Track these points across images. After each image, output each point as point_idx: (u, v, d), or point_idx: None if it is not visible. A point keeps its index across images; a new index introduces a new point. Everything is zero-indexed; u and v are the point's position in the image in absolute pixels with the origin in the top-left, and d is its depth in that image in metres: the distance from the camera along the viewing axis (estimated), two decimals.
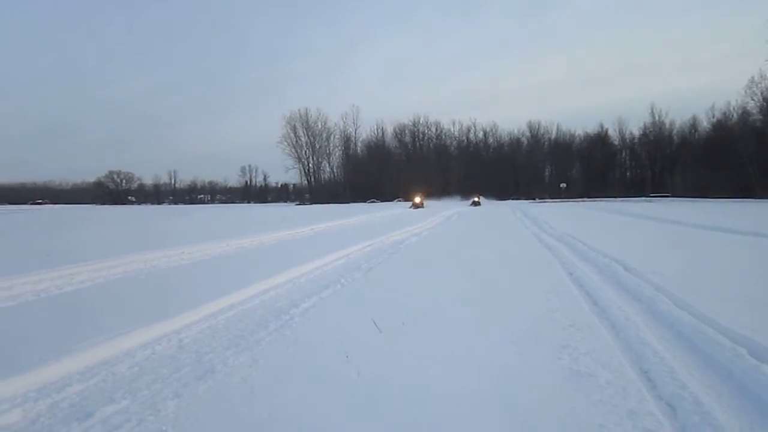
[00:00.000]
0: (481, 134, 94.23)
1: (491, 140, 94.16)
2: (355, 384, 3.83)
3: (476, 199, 59.39)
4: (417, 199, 47.39)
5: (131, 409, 3.42)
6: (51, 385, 3.82)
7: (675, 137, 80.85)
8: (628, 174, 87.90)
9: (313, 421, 3.24)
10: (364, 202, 72.95)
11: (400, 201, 38.89)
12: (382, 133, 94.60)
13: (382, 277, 8.73)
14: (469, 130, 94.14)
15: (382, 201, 75.64)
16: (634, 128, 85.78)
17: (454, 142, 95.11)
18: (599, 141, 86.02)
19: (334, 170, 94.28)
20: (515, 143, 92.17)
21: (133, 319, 5.41)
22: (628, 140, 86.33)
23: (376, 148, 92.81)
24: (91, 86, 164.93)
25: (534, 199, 75.73)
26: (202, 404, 3.49)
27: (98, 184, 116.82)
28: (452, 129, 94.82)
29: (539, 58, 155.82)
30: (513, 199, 74.39)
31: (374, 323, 5.45)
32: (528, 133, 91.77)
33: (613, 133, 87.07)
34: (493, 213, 36.27)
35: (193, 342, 4.97)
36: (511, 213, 35.04)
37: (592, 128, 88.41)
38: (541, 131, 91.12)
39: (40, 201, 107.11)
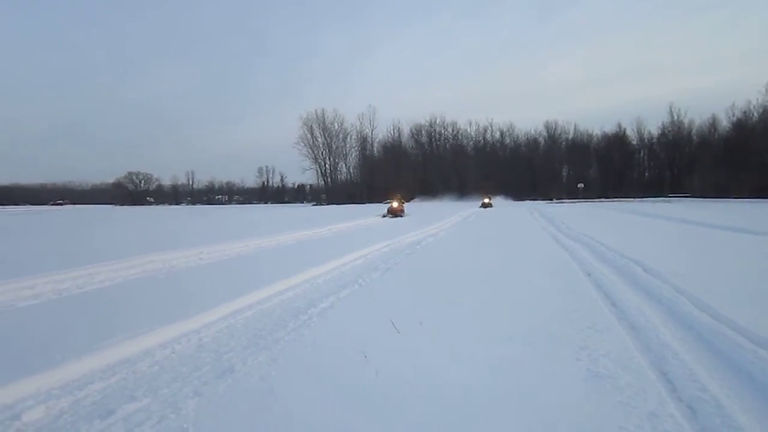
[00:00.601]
0: (497, 134, 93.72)
1: (508, 140, 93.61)
2: (373, 383, 3.83)
3: (486, 200, 52.84)
4: (394, 204, 30.63)
5: (152, 407, 3.46)
6: (73, 382, 3.87)
7: (694, 137, 79.65)
8: (646, 174, 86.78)
9: (332, 420, 3.24)
10: (381, 202, 73.08)
11: (399, 198, 31.60)
12: (399, 134, 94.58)
13: (399, 278, 8.72)
14: (485, 131, 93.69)
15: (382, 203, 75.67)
16: (653, 128, 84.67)
17: (471, 143, 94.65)
18: (617, 141, 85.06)
19: (351, 171, 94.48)
20: (532, 143, 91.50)
21: (152, 319, 5.48)
22: (646, 140, 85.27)
23: (393, 149, 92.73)
24: (110, 88, 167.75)
25: (551, 199, 75.15)
26: (222, 403, 3.50)
27: (117, 185, 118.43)
28: (469, 129, 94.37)
29: (556, 58, 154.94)
30: (530, 200, 73.82)
31: (392, 324, 5.44)
32: (545, 133, 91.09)
33: (631, 133, 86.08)
34: (506, 217, 30.35)
35: (212, 341, 5.01)
36: (528, 214, 34.15)
37: (609, 128, 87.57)
38: (558, 131, 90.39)
39: (60, 202, 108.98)
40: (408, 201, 76.39)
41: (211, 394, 3.63)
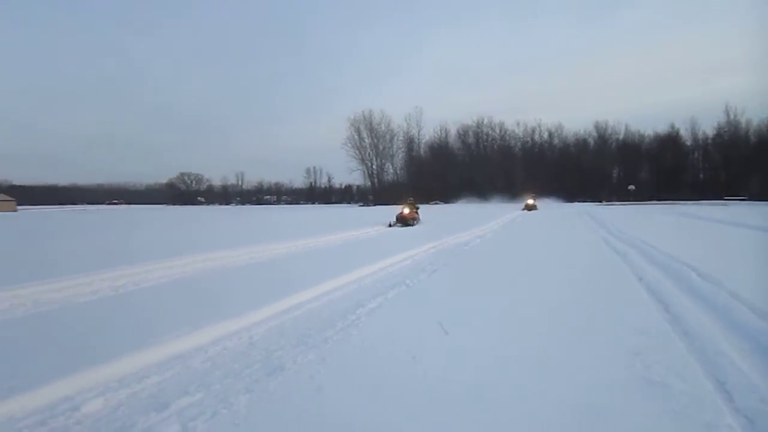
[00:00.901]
0: (546, 135, 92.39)
1: (556, 141, 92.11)
2: (422, 384, 3.79)
3: (530, 201, 46.15)
4: (405, 210, 23.63)
5: (205, 402, 3.51)
6: (130, 376, 3.97)
7: (752, 137, 76.45)
8: (701, 176, 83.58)
9: (381, 420, 3.21)
10: (428, 203, 72.89)
11: (410, 202, 24.97)
12: (446, 135, 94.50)
13: (446, 279, 8.63)
14: (533, 131, 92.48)
15: (445, 202, 75.41)
16: (708, 128, 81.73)
17: (519, 143, 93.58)
18: (670, 141, 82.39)
19: (397, 171, 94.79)
20: (581, 144, 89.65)
21: (205, 316, 5.60)
22: (700, 141, 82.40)
23: (439, 150, 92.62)
24: (164, 91, 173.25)
25: (600, 201, 73.36)
26: (273, 400, 3.53)
27: (170, 186, 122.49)
28: (516, 130, 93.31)
29: (607, 57, 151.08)
30: (579, 202, 72.22)
31: (440, 325, 5.39)
32: (595, 134, 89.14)
33: (684, 134, 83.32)
34: (552, 223, 25.66)
35: (262, 339, 5.06)
36: (576, 218, 31.16)
37: (662, 128, 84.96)
38: (609, 131, 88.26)
39: (115, 201, 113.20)
40: (454, 202, 76.28)
41: (262, 391, 3.66)
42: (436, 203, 74.43)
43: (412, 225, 22.99)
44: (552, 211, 45.23)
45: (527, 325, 5.48)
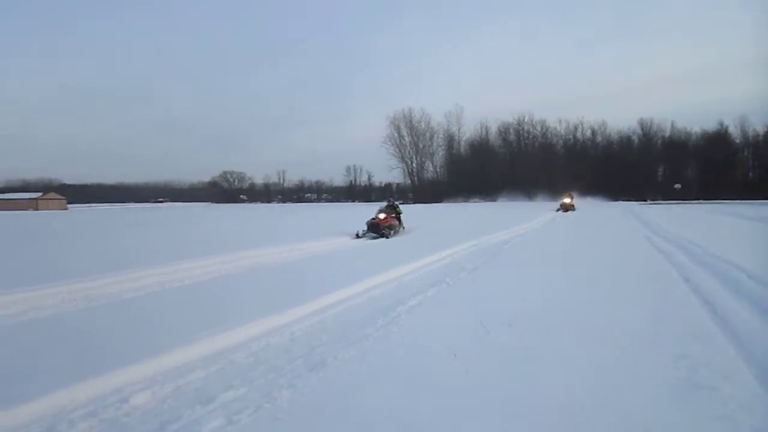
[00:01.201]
0: (588, 132, 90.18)
1: (599, 138, 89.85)
2: (463, 382, 3.76)
3: (567, 200, 38.25)
4: (381, 216, 17.52)
5: (249, 396, 3.55)
6: (176, 370, 4.06)
7: None
8: (750, 175, 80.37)
9: (422, 417, 3.19)
10: (467, 201, 72.35)
11: (390, 204, 18.91)
12: (486, 132, 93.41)
13: (486, 278, 8.55)
14: (576, 129, 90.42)
15: (484, 200, 74.89)
16: (759, 125, 78.47)
17: (560, 141, 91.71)
18: (718, 139, 79.31)
19: (437, 170, 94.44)
20: (625, 142, 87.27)
21: (247, 312, 5.68)
22: (751, 138, 79.13)
23: (480, 147, 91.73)
24: (207, 90, 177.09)
25: (645, 200, 71.43)
26: (315, 395, 3.54)
27: (213, 184, 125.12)
28: (558, 127, 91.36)
29: (652, 53, 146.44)
30: (622, 200, 70.45)
31: (481, 324, 5.34)
32: (639, 131, 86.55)
33: (734, 131, 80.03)
34: (593, 227, 21.42)
35: (304, 335, 5.10)
36: (621, 219, 28.02)
37: (710, 125, 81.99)
38: (654, 129, 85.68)
39: (161, 200, 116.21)
40: (493, 201, 75.59)
41: (304, 387, 3.68)
42: (476, 201, 73.96)
43: (388, 236, 16.57)
44: (595, 209, 42.25)
45: (573, 324, 5.39)
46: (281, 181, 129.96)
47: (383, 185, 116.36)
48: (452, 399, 3.47)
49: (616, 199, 71.19)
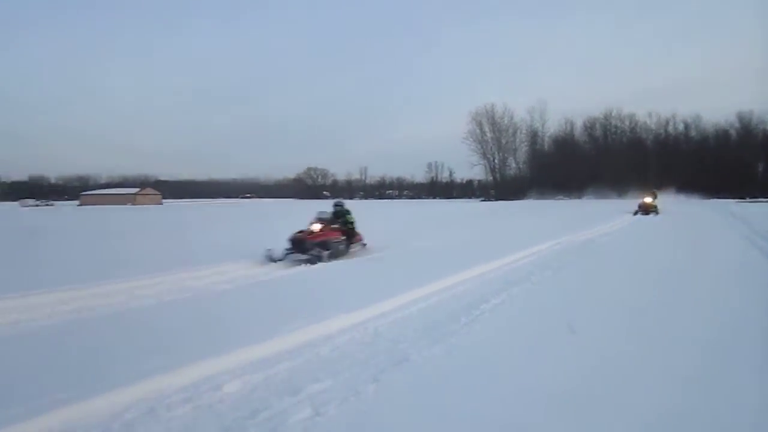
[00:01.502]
0: (681, 126, 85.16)
1: (693, 133, 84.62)
2: (550, 382, 3.64)
3: (648, 199, 30.30)
4: (315, 227, 10.88)
5: (334, 388, 3.58)
6: (265, 361, 4.17)
7: None
8: None
9: (506, 417, 3.12)
10: (552, 198, 70.29)
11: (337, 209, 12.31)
12: (571, 128, 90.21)
13: (572, 277, 8.28)
14: (667, 123, 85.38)
15: (568, 197, 72.60)
16: None
17: (651, 136, 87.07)
18: None
19: (520, 166, 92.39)
20: (722, 136, 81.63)
21: (332, 306, 5.77)
22: None
23: (564, 143, 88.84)
24: (295, 89, 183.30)
25: (743, 198, 66.56)
26: (400, 391, 3.53)
27: (297, 180, 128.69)
28: (648, 122, 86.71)
29: (751, 41, 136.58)
30: (718, 198, 65.94)
31: (569, 325, 5.14)
32: (737, 125, 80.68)
33: None
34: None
35: (387, 330, 5.10)
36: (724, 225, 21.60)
37: None
38: (754, 122, 79.51)
39: (248, 195, 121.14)
40: (579, 198, 72.97)
41: (389, 381, 3.68)
42: (560, 199, 71.73)
43: (323, 259, 10.42)
44: (685, 209, 35.06)
45: (667, 327, 5.10)
46: (363, 178, 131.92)
47: (464, 182, 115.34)
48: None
49: (712, 197, 66.70)
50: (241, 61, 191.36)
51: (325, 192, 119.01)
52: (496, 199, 78.99)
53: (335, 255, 10.73)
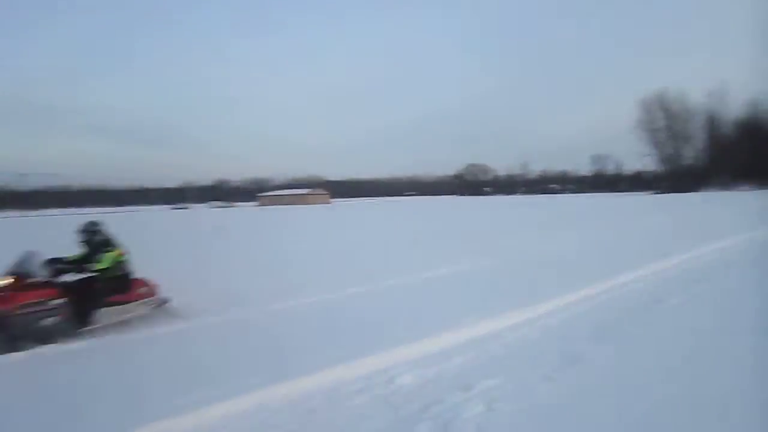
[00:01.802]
0: None
1: None
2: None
3: None
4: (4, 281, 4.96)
5: (506, 386, 3.58)
6: (436, 355, 4.31)
7: None
8: None
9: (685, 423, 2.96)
10: (735, 190, 62.37)
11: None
12: (756, 110, 79.43)
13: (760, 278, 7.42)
14: None
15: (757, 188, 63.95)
16: None
17: None
18: None
19: (697, 155, 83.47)
20: None
21: (501, 303, 5.81)
22: None
23: (748, 128, 78.33)
24: (453, 87, 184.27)
25: None
26: (575, 391, 3.45)
27: (458, 177, 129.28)
28: None
29: None
30: None
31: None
32: None
33: None
34: None
35: (557, 329, 5.02)
36: None
37: None
38: None
39: (410, 193, 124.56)
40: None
41: (563, 380, 3.63)
42: (744, 189, 63.16)
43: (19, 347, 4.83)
44: None
45: None
46: (524, 173, 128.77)
47: (633, 174, 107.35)
48: None
49: None
50: (399, 59, 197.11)
51: (485, 188, 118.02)
52: (670, 192, 71.56)
53: (41, 336, 5.02)
